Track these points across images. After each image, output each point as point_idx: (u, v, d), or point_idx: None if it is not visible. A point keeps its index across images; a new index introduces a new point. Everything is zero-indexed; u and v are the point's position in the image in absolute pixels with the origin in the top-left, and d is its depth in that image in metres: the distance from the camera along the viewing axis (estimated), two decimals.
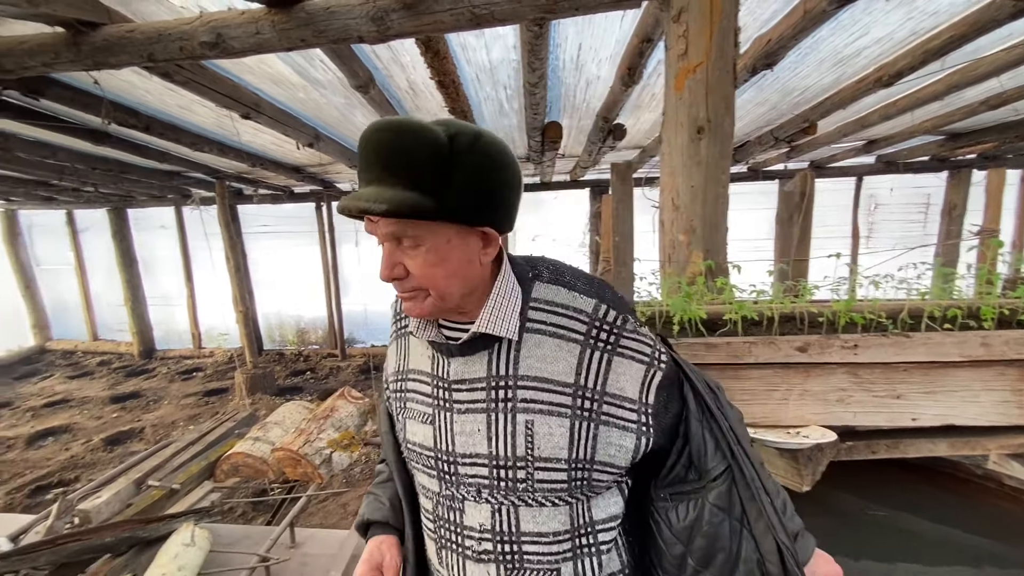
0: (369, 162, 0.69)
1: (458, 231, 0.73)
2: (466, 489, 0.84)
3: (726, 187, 1.66)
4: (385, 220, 0.70)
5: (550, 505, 0.81)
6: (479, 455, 0.81)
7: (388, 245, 0.73)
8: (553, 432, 0.77)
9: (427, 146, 0.67)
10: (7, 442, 4.74)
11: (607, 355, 0.78)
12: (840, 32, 2.33)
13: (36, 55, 1.90)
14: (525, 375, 0.78)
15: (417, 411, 0.88)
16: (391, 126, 0.68)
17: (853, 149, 4.92)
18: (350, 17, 1.73)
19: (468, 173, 0.69)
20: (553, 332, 0.79)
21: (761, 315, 1.29)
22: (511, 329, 0.79)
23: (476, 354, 0.81)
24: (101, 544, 1.81)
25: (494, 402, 0.79)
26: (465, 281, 0.77)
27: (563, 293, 0.81)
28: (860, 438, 1.28)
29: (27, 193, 6.02)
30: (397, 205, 0.66)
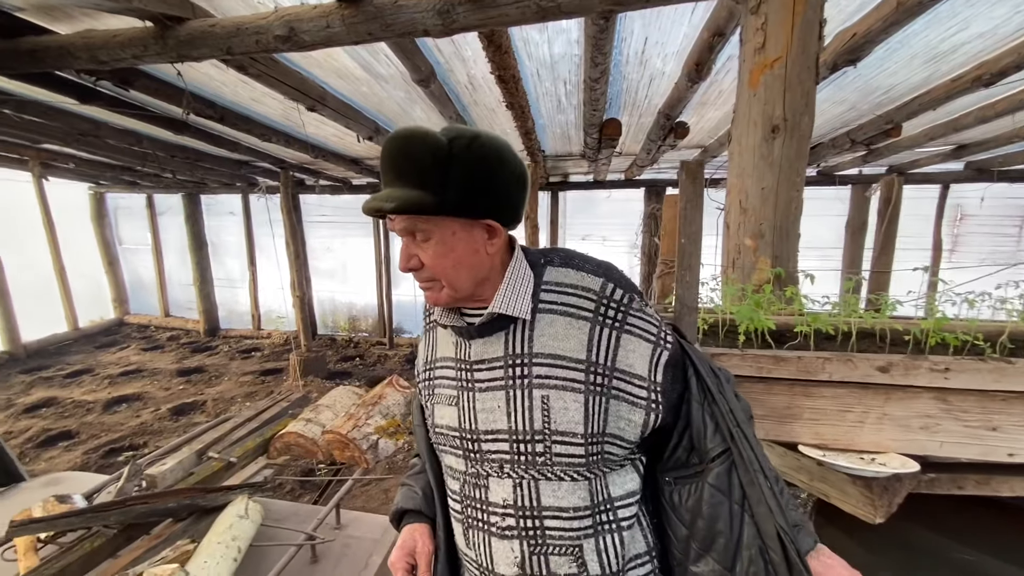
0: (385, 168, 0.79)
1: (462, 224, 0.81)
2: (489, 465, 0.88)
3: (800, 190, 1.56)
4: (399, 217, 0.79)
5: (569, 480, 0.84)
6: (500, 431, 0.85)
7: (405, 240, 0.82)
8: (568, 407, 0.81)
9: (429, 149, 0.75)
10: (87, 405, 5.15)
11: (615, 332, 0.82)
12: (936, 26, 2.14)
13: (127, 48, 2.03)
14: (540, 352, 0.84)
15: (444, 395, 0.94)
16: (400, 135, 0.77)
17: (940, 154, 4.53)
18: (417, 11, 1.74)
19: (466, 171, 0.77)
20: (564, 311, 0.84)
21: (837, 329, 1.20)
22: (524, 309, 0.85)
23: (494, 335, 0.87)
24: (165, 508, 1.91)
25: (512, 379, 0.85)
26: (473, 270, 0.84)
27: (572, 274, 0.87)
28: (944, 470, 1.17)
29: (114, 177, 6.51)
30: (403, 202, 0.75)
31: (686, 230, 1.01)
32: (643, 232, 6.28)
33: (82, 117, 3.77)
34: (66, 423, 4.75)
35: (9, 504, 2.21)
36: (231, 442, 2.78)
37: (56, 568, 1.65)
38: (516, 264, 0.88)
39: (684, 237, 1.02)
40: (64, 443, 4.39)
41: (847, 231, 5.74)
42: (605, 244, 6.65)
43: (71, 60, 2.13)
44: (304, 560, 1.83)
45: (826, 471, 1.15)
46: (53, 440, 4.43)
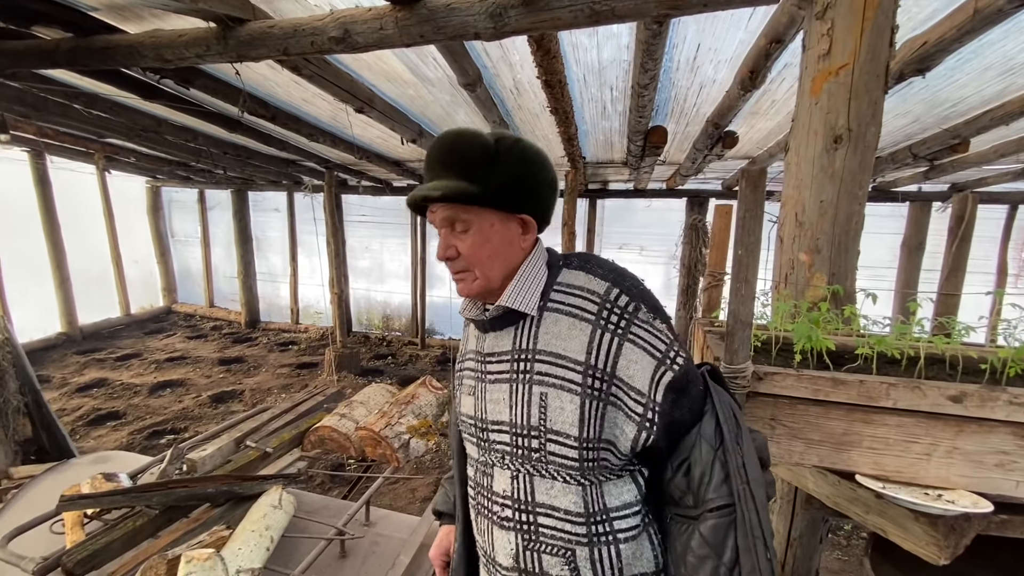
0: (430, 163, 0.86)
1: (500, 217, 0.87)
2: (494, 455, 0.93)
3: (863, 205, 1.48)
4: (441, 207, 0.86)
5: (561, 481, 0.86)
6: (503, 422, 0.90)
7: (443, 230, 0.88)
8: (564, 407, 0.83)
9: (476, 145, 0.83)
10: (135, 388, 5.40)
11: (617, 338, 0.83)
12: (1016, 35, 2.00)
13: (191, 47, 2.11)
14: (542, 350, 0.87)
15: (467, 385, 1.00)
16: (450, 134, 0.85)
17: (1009, 172, 4.26)
18: (469, 14, 1.74)
19: (508, 167, 0.84)
20: (569, 311, 0.87)
21: (902, 353, 1.12)
22: (532, 306, 0.89)
23: (505, 329, 0.92)
24: (204, 493, 1.97)
25: (516, 373, 0.89)
26: (506, 262, 0.89)
27: (581, 276, 0.90)
28: (1019, 512, 1.07)
29: (170, 172, 6.83)
30: (449, 191, 0.82)
31: (744, 240, 0.97)
32: (683, 243, 6.14)
33: (144, 114, 3.97)
34: (114, 404, 4.99)
35: (60, 479, 2.32)
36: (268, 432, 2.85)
37: (101, 544, 1.72)
38: (531, 262, 0.92)
39: (741, 248, 0.97)
40: (112, 423, 4.61)
41: (903, 250, 5.46)
42: (642, 254, 6.53)
43: (139, 58, 2.24)
44: (333, 554, 1.85)
45: (886, 504, 1.07)
46: (102, 419, 4.67)
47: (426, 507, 2.44)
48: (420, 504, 3.34)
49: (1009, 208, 5.27)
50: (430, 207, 0.88)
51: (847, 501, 1.16)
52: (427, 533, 1.93)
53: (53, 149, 5.79)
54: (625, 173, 5.16)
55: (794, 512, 1.48)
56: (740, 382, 1.04)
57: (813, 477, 1.24)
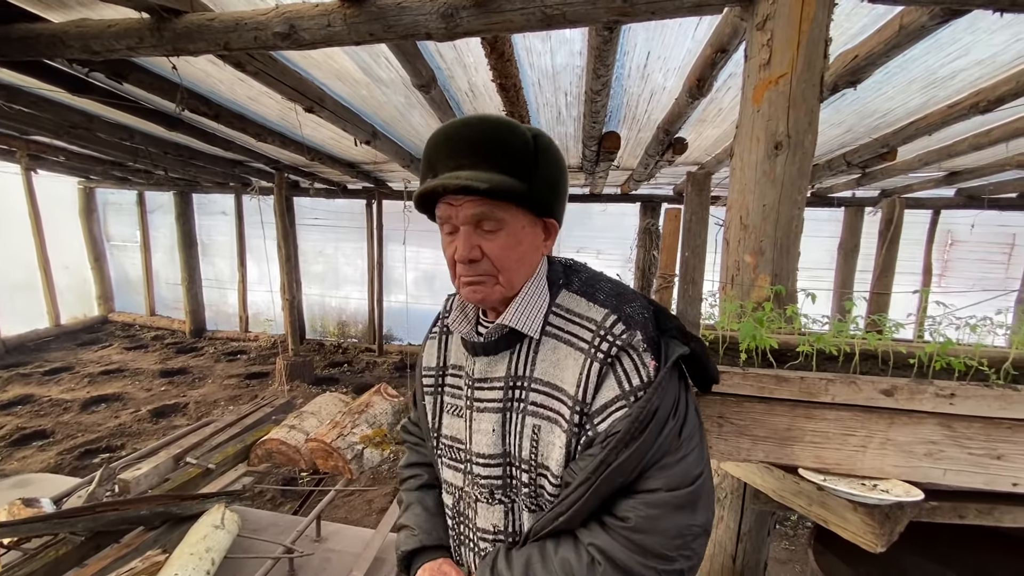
0: (458, 150, 0.75)
1: (531, 219, 0.80)
2: (479, 490, 0.87)
3: (802, 209, 1.54)
4: (472, 201, 0.75)
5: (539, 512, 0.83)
6: (493, 456, 0.84)
7: (468, 228, 0.78)
8: (554, 443, 0.79)
9: (520, 139, 0.75)
10: (64, 404, 5.02)
11: (601, 366, 0.77)
12: (936, 51, 2.15)
13: (122, 38, 1.98)
14: (538, 378, 0.82)
15: (452, 404, 0.93)
16: (486, 121, 0.76)
17: (932, 180, 4.59)
18: (420, 13, 1.71)
19: (547, 167, 0.78)
20: (567, 340, 0.81)
21: (839, 350, 1.17)
22: (535, 328, 0.82)
23: (500, 354, 0.85)
24: (136, 516, 1.84)
25: (509, 401, 0.83)
26: (529, 268, 0.84)
27: (583, 304, 0.83)
28: (946, 499, 1.14)
29: (104, 172, 6.42)
30: (497, 184, 0.72)
31: (691, 243, 0.99)
32: (637, 246, 6.28)
33: (74, 109, 3.71)
34: (41, 422, 4.62)
35: None
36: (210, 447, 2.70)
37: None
38: (536, 279, 0.85)
39: (688, 250, 0.99)
40: (38, 443, 4.26)
41: (839, 253, 5.79)
42: (599, 257, 6.66)
43: (63, 49, 2.09)
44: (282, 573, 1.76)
45: (826, 496, 1.11)
46: (27, 439, 4.31)
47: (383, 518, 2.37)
48: (376, 516, 3.25)
49: (933, 213, 5.69)
50: (447, 199, 0.77)
51: (792, 494, 1.19)
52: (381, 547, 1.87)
53: None
54: (581, 178, 5.24)
55: (743, 507, 1.52)
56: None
57: (760, 472, 1.28)
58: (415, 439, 1.11)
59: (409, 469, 1.09)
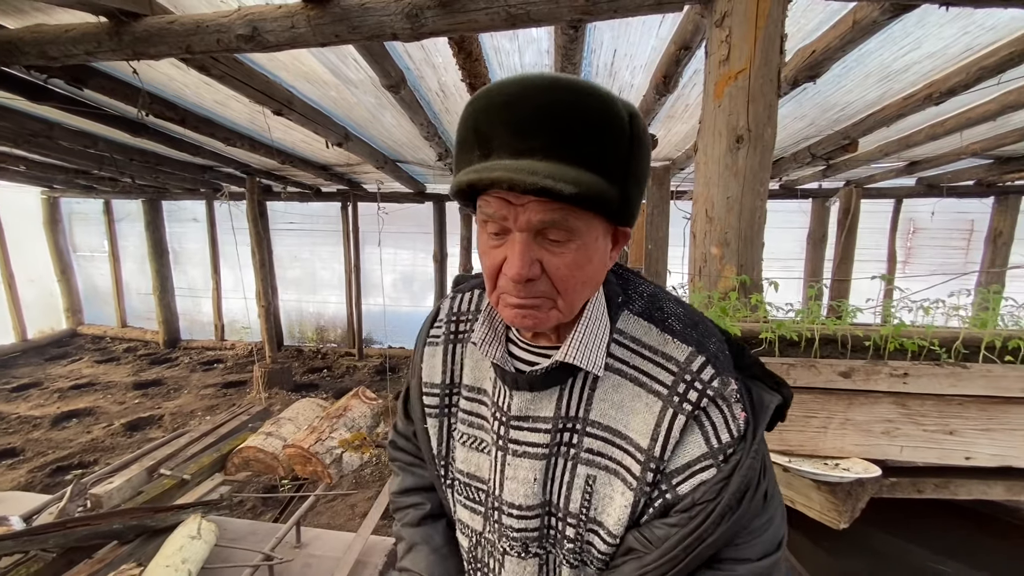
0: (530, 126, 0.53)
1: (606, 229, 0.61)
2: (509, 543, 0.72)
3: (764, 200, 1.58)
4: (542, 204, 0.55)
5: (595, 569, 0.69)
6: (530, 507, 0.69)
7: (526, 236, 0.57)
8: (614, 497, 0.65)
9: (618, 121, 0.55)
10: (33, 421, 4.86)
11: (687, 419, 0.62)
12: (889, 45, 2.23)
13: (79, 43, 1.94)
14: (596, 421, 0.66)
15: (472, 436, 0.76)
16: (572, 85, 0.53)
17: (894, 170, 4.75)
18: (385, 14, 1.71)
19: (641, 163, 0.58)
20: (634, 377, 0.66)
21: (800, 336, 1.21)
22: (598, 363, 0.66)
23: (547, 389, 0.68)
24: (109, 530, 1.80)
25: (558, 446, 0.68)
26: (593, 289, 0.65)
27: (654, 333, 0.67)
28: (905, 475, 1.19)
29: (68, 181, 6.23)
30: (587, 188, 0.52)
31: (653, 235, 1.01)
32: None
33: (33, 117, 3.60)
34: (10, 440, 4.46)
35: None
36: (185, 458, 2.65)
37: None
38: (597, 300, 0.68)
39: (651, 243, 1.02)
40: (8, 461, 4.12)
41: (808, 243, 5.94)
42: None
43: (19, 56, 2.03)
44: None
45: (791, 477, 1.15)
46: None
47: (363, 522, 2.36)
48: (360, 520, 3.23)
49: (895, 202, 5.88)
50: (503, 194, 0.56)
51: None
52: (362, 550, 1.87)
53: None
54: None
55: None
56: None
57: None
58: (409, 458, 0.93)
59: (406, 496, 0.90)
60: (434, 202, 6.73)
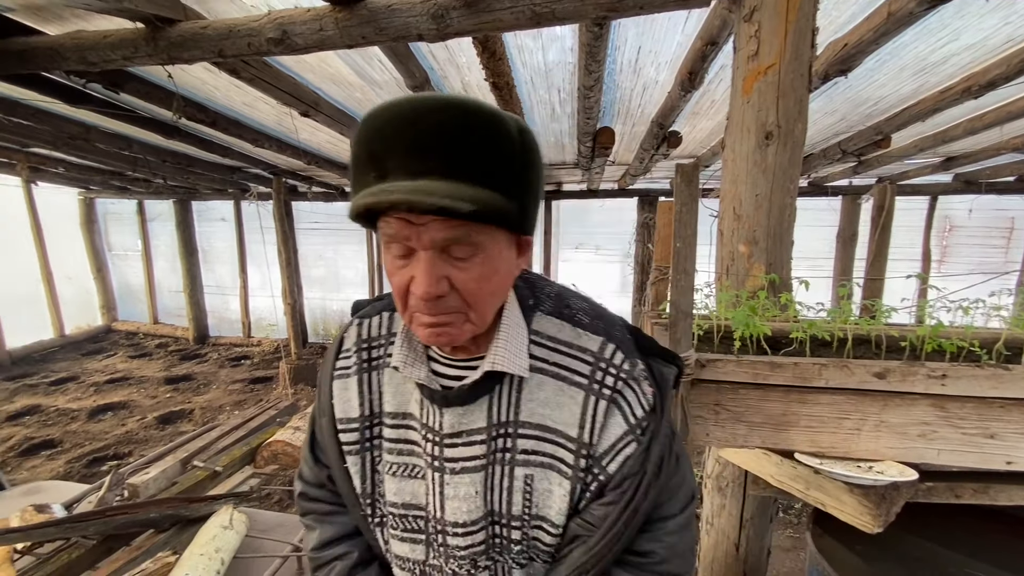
0: (425, 146, 0.54)
1: (508, 240, 0.63)
2: (458, 563, 0.72)
3: (794, 197, 1.55)
4: (443, 223, 0.55)
5: (540, 562, 0.73)
6: (475, 522, 0.70)
7: (431, 255, 0.58)
8: (552, 490, 0.69)
9: (509, 138, 0.56)
10: (71, 413, 5.06)
11: (607, 403, 0.68)
12: (926, 37, 2.16)
13: (117, 49, 2.00)
14: (526, 422, 0.69)
15: (403, 464, 0.74)
16: (463, 106, 0.54)
17: (929, 166, 4.60)
18: (411, 15, 1.73)
19: (534, 174, 0.60)
20: (556, 373, 0.69)
21: (832, 336, 1.19)
22: (523, 366, 0.68)
23: (477, 401, 0.69)
24: (146, 519, 1.87)
25: (493, 454, 0.69)
26: (502, 298, 0.68)
27: (567, 329, 0.71)
28: (941, 479, 1.16)
29: (104, 182, 6.45)
30: (484, 204, 0.53)
31: (681, 233, 1.00)
32: (636, 241, 6.29)
33: (72, 120, 3.74)
34: (49, 431, 4.65)
35: None
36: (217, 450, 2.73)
37: None
38: (511, 306, 0.71)
39: (679, 240, 1.01)
40: (47, 452, 4.30)
41: (838, 241, 5.79)
42: (598, 253, 6.67)
43: (60, 61, 2.11)
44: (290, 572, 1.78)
45: (823, 479, 1.13)
46: (36, 449, 4.34)
47: None
48: None
49: (930, 199, 5.69)
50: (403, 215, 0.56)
51: (789, 479, 1.21)
52: None
53: None
54: (578, 174, 5.25)
55: (745, 494, 1.53)
56: (684, 370, 1.07)
57: (758, 458, 1.29)
58: (325, 507, 0.87)
59: (329, 549, 0.84)
60: None
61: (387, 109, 0.55)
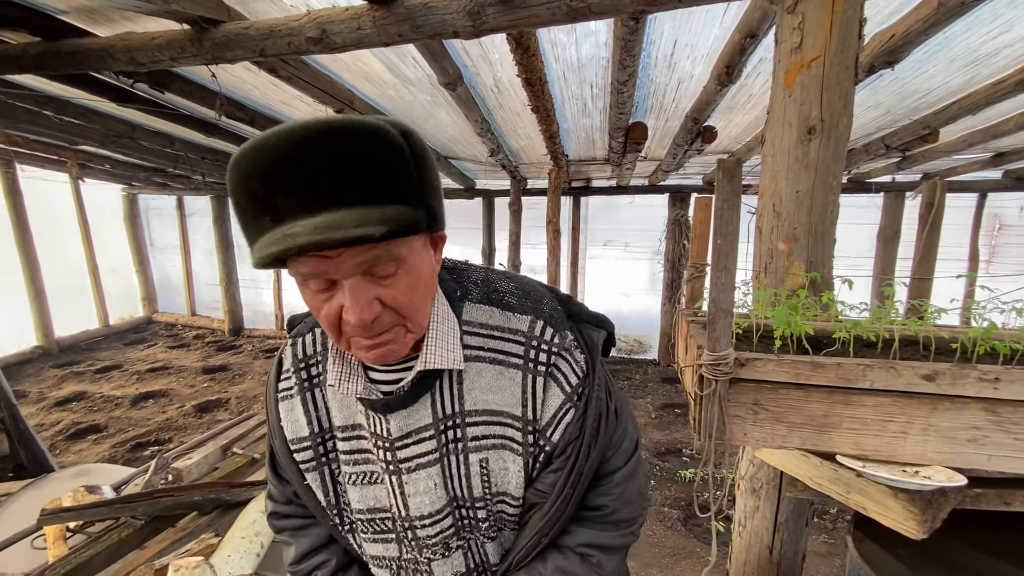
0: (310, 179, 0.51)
1: (423, 241, 0.63)
2: (431, 551, 0.76)
3: (837, 194, 1.51)
4: (358, 249, 0.54)
5: (508, 529, 0.78)
6: (439, 511, 0.74)
7: (355, 281, 0.57)
8: (508, 467, 0.73)
9: (394, 147, 0.54)
10: (115, 400, 5.29)
11: (544, 379, 0.71)
12: (977, 27, 2.07)
13: (165, 49, 2.08)
14: (472, 410, 0.72)
15: (361, 472, 0.76)
16: (329, 129, 0.51)
17: (978, 162, 4.39)
18: (447, 12, 1.75)
19: (428, 172, 0.59)
20: (492, 358, 0.72)
21: (877, 336, 1.15)
22: (458, 359, 0.69)
23: (418, 401, 0.70)
24: (191, 502, 1.94)
25: (445, 445, 0.72)
26: (432, 299, 0.68)
27: (496, 314, 0.73)
28: (991, 485, 1.11)
29: (146, 179, 6.70)
30: (396, 222, 0.52)
31: (722, 230, 0.99)
32: (667, 238, 6.21)
33: (118, 119, 3.90)
34: (95, 417, 4.88)
35: (39, 494, 2.27)
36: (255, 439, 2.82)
37: (85, 557, 1.69)
38: (439, 303, 0.71)
39: (720, 237, 0.99)
40: (93, 436, 4.51)
41: (879, 240, 5.58)
42: (627, 250, 6.60)
43: (111, 62, 2.20)
44: None
45: (865, 483, 1.10)
46: (82, 433, 4.57)
47: None
48: None
49: (979, 196, 5.43)
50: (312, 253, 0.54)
51: (829, 482, 1.19)
52: None
53: (23, 158, 5.65)
54: (608, 170, 5.20)
55: (780, 497, 1.51)
56: (722, 368, 1.06)
57: (797, 460, 1.27)
58: (297, 521, 0.87)
59: (308, 560, 0.85)
60: (483, 197, 6.80)
61: (258, 148, 0.51)
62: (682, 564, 2.79)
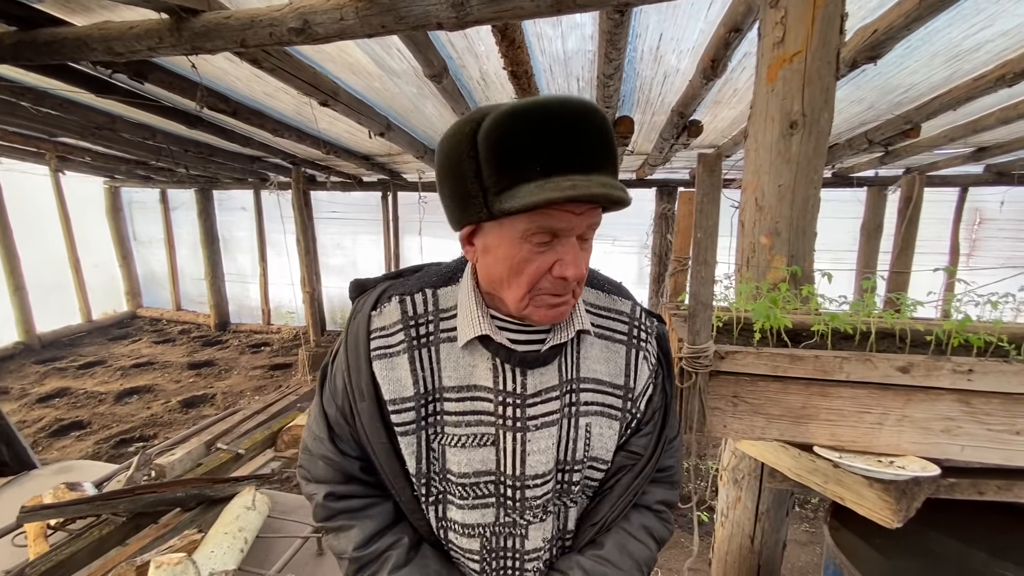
0: (589, 146, 0.60)
1: None
2: (532, 513, 0.78)
3: (818, 188, 1.52)
4: (595, 211, 0.65)
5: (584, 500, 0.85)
6: (550, 471, 0.78)
7: (576, 241, 0.66)
8: (604, 433, 0.80)
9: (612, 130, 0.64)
10: (99, 396, 5.22)
11: (640, 353, 0.83)
12: (959, 23, 2.09)
13: (143, 39, 2.04)
14: (585, 377, 0.80)
15: (470, 435, 0.75)
16: (594, 107, 0.61)
17: (959, 156, 4.45)
18: (431, 3, 1.72)
19: None
20: (601, 334, 0.82)
21: (855, 329, 1.17)
22: (589, 328, 0.79)
23: (551, 363, 0.77)
24: (173, 498, 1.93)
25: (565, 408, 0.79)
26: None
27: (603, 296, 0.85)
28: (965, 475, 1.14)
29: (129, 171, 6.58)
30: (627, 193, 0.64)
31: (702, 224, 0.99)
32: (654, 232, 6.23)
33: (98, 111, 3.81)
34: (78, 413, 4.81)
35: (20, 491, 2.24)
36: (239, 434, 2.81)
37: (65, 554, 1.67)
38: None
39: (700, 231, 1.00)
40: (76, 433, 4.45)
41: (862, 233, 5.66)
42: (615, 244, 6.61)
43: (87, 52, 2.15)
44: (310, 552, 1.83)
45: (842, 473, 1.12)
46: (65, 430, 4.50)
47: None
48: None
49: (960, 190, 5.52)
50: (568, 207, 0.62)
51: (807, 472, 1.20)
52: None
53: (1, 150, 5.51)
54: None
55: (761, 487, 1.53)
56: (702, 361, 1.07)
57: (776, 451, 1.29)
58: (360, 501, 0.81)
59: (376, 542, 0.78)
60: None
61: (541, 109, 0.59)
62: (666, 554, 2.83)
